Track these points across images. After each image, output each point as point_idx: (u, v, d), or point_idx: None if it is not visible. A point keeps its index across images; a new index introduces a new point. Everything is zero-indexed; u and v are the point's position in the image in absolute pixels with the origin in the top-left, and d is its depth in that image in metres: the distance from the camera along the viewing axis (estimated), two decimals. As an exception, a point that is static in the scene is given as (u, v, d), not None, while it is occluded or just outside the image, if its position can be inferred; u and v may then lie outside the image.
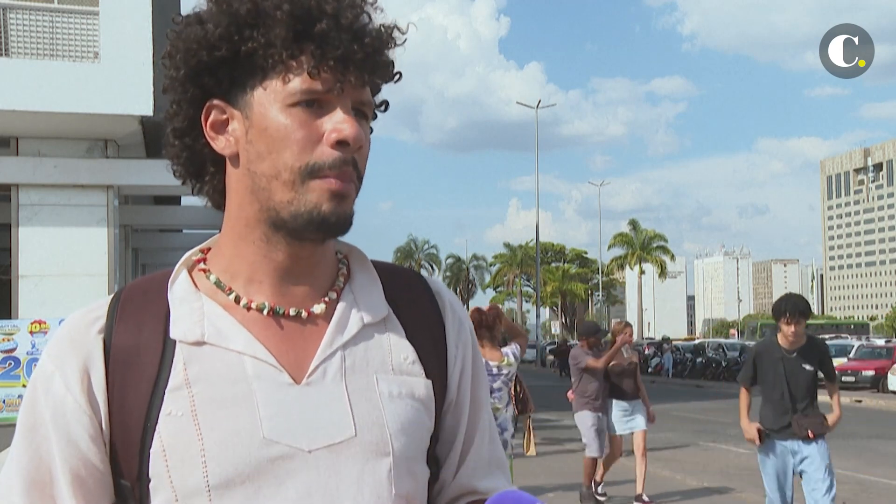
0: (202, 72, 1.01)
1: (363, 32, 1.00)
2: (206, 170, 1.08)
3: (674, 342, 43.91)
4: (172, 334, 1.00)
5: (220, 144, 1.03)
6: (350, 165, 1.00)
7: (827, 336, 40.47)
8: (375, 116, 1.12)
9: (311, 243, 1.04)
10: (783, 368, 5.61)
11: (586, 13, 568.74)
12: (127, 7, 10.03)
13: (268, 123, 0.99)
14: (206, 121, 1.03)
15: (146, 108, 9.78)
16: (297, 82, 0.98)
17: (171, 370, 0.98)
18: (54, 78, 9.92)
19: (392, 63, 1.06)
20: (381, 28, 1.04)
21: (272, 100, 0.99)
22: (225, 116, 1.03)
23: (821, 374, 5.76)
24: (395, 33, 1.06)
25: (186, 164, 1.08)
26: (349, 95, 1.00)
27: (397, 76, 1.08)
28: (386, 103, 1.11)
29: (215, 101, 1.02)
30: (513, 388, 8.04)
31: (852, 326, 65.63)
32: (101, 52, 10.13)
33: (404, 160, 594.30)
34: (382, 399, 1.03)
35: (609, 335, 9.06)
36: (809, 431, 5.56)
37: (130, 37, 9.82)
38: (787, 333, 5.56)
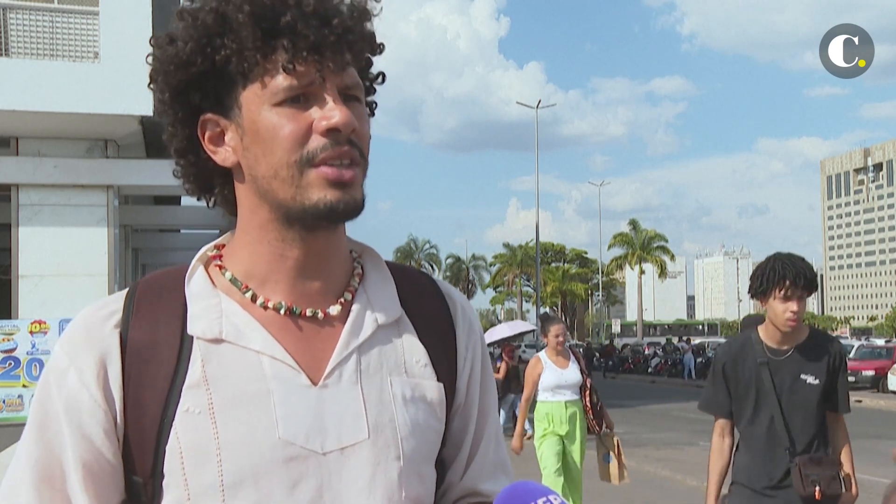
0: (186, 90, 1.01)
1: (331, 14, 0.98)
2: (214, 182, 1.08)
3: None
4: (190, 330, 1.00)
5: (220, 157, 1.03)
6: (346, 144, 0.99)
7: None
8: (374, 90, 1.11)
9: (325, 232, 1.03)
10: (770, 380, 3.32)
11: (586, 13, 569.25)
12: (127, 7, 10.02)
13: (258, 127, 0.99)
14: (204, 136, 1.03)
15: (146, 108, 9.76)
16: (277, 81, 0.97)
17: (189, 367, 0.98)
18: (54, 78, 9.91)
19: (371, 36, 1.04)
20: (352, 3, 1.02)
21: (258, 103, 0.98)
22: (219, 129, 1.03)
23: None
24: (370, 4, 1.04)
25: (196, 181, 1.08)
26: (332, 82, 0.99)
27: (380, 48, 1.06)
28: (382, 74, 1.10)
29: (207, 116, 1.02)
30: (587, 400, 6.61)
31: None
32: (101, 52, 10.11)
33: (404, 160, 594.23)
34: (395, 402, 1.03)
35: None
36: (817, 489, 3.20)
37: (130, 37, 9.80)
38: (779, 316, 3.28)
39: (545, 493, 0.94)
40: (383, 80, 1.11)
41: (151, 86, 1.03)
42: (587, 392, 6.61)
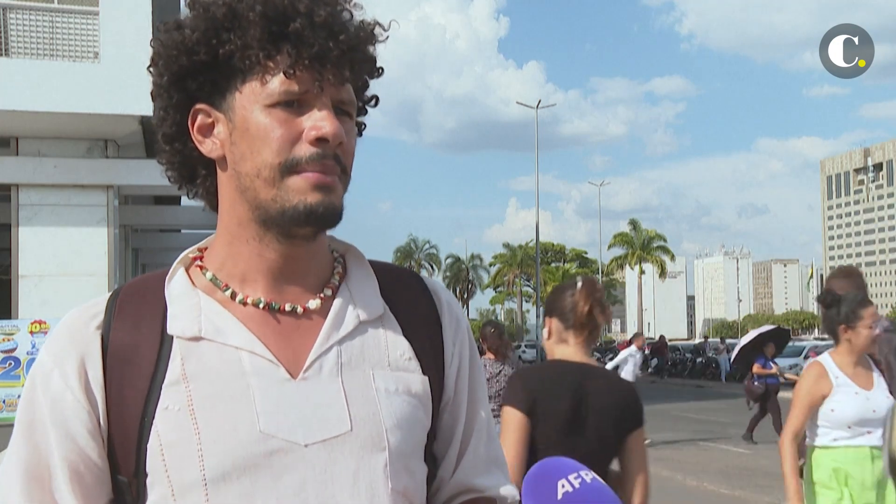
0: (185, 77, 1.02)
1: (339, 29, 1.01)
2: (197, 173, 1.09)
3: (678, 342, 40.15)
4: (170, 330, 1.01)
5: (206, 148, 1.05)
6: (331, 159, 1.01)
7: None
8: (366, 112, 1.13)
9: (303, 241, 1.05)
10: None
11: (586, 13, 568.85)
12: (127, 7, 10.03)
13: (249, 125, 1.00)
14: (193, 125, 1.05)
15: (146, 108, 9.68)
16: (275, 83, 0.99)
17: (169, 365, 0.99)
18: (54, 78, 9.91)
19: (373, 59, 1.07)
20: (361, 24, 1.04)
21: (252, 101, 1.00)
22: (210, 120, 1.04)
23: None
24: (377, 30, 1.06)
25: (179, 169, 1.10)
26: (328, 94, 1.01)
27: (379, 71, 1.09)
28: (376, 98, 1.12)
29: (200, 106, 1.04)
30: None
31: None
32: (101, 52, 10.12)
33: (404, 160, 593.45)
34: (379, 394, 1.04)
35: None
36: None
37: (130, 37, 9.81)
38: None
39: (577, 468, 0.93)
40: (376, 104, 1.13)
41: (151, 68, 1.05)
42: None
